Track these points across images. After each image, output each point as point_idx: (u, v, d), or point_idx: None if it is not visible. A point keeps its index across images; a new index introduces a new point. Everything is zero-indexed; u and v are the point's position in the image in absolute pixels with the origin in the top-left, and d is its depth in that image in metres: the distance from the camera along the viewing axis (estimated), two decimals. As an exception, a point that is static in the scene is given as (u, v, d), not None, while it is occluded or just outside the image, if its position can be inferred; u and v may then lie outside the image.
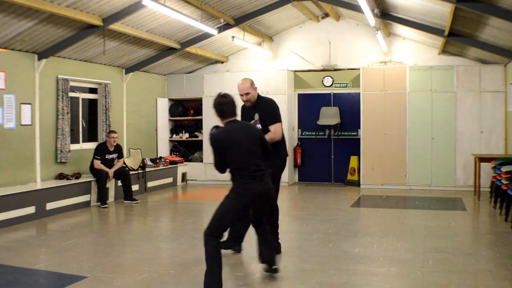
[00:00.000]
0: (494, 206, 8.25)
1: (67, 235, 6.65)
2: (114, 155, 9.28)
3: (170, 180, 11.53)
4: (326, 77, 11.81)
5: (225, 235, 4.84)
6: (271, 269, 4.65)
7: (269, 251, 4.68)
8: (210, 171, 12.00)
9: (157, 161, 11.24)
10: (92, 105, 10.24)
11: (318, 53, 11.76)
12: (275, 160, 5.21)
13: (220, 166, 4.38)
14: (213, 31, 9.00)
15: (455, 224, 7.20)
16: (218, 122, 4.53)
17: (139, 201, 9.31)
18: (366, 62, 11.42)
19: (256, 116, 5.35)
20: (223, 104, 4.35)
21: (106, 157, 9.10)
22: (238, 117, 4.56)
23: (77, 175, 9.03)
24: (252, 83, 5.36)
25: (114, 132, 9.23)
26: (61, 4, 7.00)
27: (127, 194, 9.30)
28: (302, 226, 7.01)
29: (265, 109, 5.34)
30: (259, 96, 5.45)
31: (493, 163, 8.14)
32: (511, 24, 7.19)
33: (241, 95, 5.36)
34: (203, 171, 12.04)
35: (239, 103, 4.80)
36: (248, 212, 4.58)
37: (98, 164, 8.93)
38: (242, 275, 4.88)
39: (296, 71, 11.98)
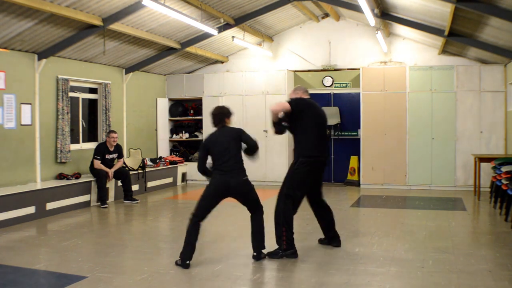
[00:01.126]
0: (494, 206, 8.25)
1: (67, 235, 6.65)
2: (114, 155, 9.28)
3: (170, 180, 11.53)
4: (326, 77, 11.81)
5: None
6: (255, 256, 5.28)
7: (257, 239, 5.31)
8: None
9: (157, 161, 11.24)
10: (92, 105, 10.25)
11: (318, 53, 11.76)
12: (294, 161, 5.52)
13: (200, 163, 5.23)
14: (213, 31, 9.00)
15: (455, 224, 7.20)
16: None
17: (139, 201, 9.32)
18: (366, 62, 11.42)
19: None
20: (212, 115, 5.35)
21: (106, 157, 9.09)
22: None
23: (77, 175, 9.03)
24: (294, 90, 5.81)
25: (114, 132, 9.22)
26: (61, 4, 7.00)
27: (127, 194, 9.30)
28: (302, 226, 7.00)
29: None
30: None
31: (493, 163, 8.14)
32: (511, 24, 7.19)
33: None
34: (203, 171, 12.02)
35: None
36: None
37: (98, 164, 8.92)
38: (242, 275, 4.88)
39: (296, 71, 11.98)
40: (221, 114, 5.31)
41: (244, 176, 5.20)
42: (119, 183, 9.46)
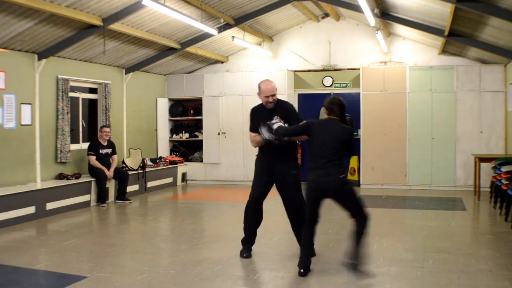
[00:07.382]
0: (494, 206, 8.25)
1: (67, 235, 6.65)
2: (108, 150, 9.30)
3: (170, 180, 11.53)
4: (326, 77, 11.81)
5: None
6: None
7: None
8: (210, 171, 12.01)
9: (157, 161, 11.24)
10: (92, 105, 10.25)
11: (318, 53, 11.76)
12: None
13: None
14: (213, 31, 9.00)
15: (455, 224, 7.21)
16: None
17: (131, 201, 9.32)
18: (366, 62, 11.42)
19: (276, 118, 5.21)
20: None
21: (100, 151, 9.12)
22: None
23: (77, 175, 9.03)
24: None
25: (106, 126, 9.35)
26: (61, 4, 7.00)
27: (120, 194, 9.31)
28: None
29: (289, 111, 5.35)
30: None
31: (493, 163, 8.14)
32: (511, 24, 7.19)
33: (267, 96, 5.33)
34: (203, 171, 12.04)
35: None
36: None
37: (93, 160, 8.95)
38: (242, 275, 4.89)
39: (296, 71, 11.97)
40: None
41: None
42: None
